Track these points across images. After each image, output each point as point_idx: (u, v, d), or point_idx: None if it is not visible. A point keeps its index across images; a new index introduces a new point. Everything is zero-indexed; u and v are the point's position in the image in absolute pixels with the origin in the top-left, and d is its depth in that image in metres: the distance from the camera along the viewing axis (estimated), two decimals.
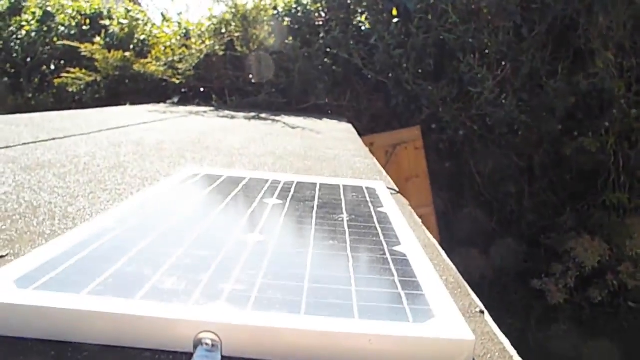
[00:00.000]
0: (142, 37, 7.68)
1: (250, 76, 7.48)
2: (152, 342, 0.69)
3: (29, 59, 7.54)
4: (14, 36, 7.69)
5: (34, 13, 7.89)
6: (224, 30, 7.31)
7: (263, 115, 6.02)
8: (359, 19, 7.28)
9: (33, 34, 7.64)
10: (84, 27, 7.75)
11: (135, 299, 0.74)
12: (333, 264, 0.95)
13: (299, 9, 7.59)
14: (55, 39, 7.65)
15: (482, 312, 0.90)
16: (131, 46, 7.52)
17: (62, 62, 7.67)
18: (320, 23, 7.55)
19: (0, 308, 0.68)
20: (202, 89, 7.65)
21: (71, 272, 0.81)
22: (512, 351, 0.78)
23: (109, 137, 2.97)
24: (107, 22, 7.68)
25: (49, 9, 7.86)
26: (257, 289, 0.81)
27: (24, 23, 7.78)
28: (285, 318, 0.72)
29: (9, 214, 1.27)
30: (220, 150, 2.77)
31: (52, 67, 7.55)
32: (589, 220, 6.20)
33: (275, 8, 7.53)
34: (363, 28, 7.28)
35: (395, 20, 6.77)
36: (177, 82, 6.87)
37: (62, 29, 7.73)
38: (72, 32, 7.68)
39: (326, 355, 0.69)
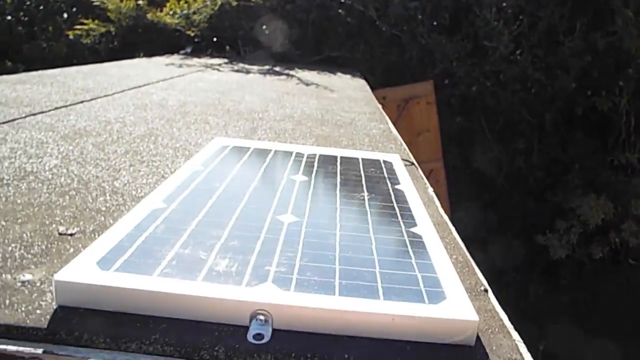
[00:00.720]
0: None
1: (264, 27, 7.42)
2: (215, 317, 0.84)
3: (41, 7, 7.52)
4: None
5: None
6: None
7: (277, 69, 6.05)
8: None
9: None
10: None
11: (197, 280, 0.89)
12: (359, 245, 1.10)
13: None
14: None
15: (485, 290, 1.05)
16: None
17: (75, 9, 7.65)
18: None
19: (93, 288, 0.84)
20: (214, 39, 7.63)
21: (139, 255, 0.96)
22: (510, 326, 0.93)
23: (133, 98, 3.08)
24: None
25: None
26: (297, 271, 0.95)
27: None
28: (322, 299, 0.86)
29: (64, 190, 1.41)
30: (241, 114, 2.88)
31: (65, 15, 7.54)
32: (596, 179, 6.30)
33: None
34: None
35: None
36: (192, 34, 6.86)
37: None
38: None
39: (357, 330, 0.84)
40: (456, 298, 0.91)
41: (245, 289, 0.87)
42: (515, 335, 0.90)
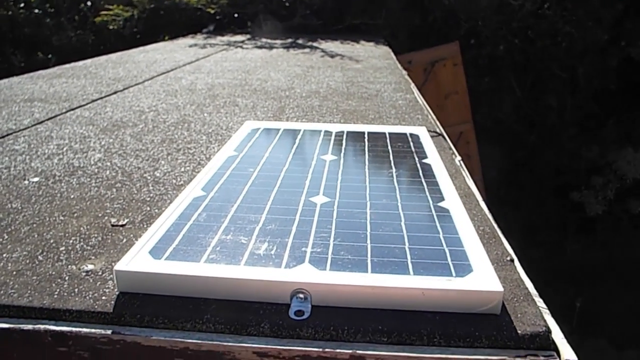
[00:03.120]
0: None
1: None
2: (258, 297, 0.93)
3: None
4: None
5: None
6: None
7: (300, 42, 6.04)
8: None
9: None
10: None
11: (240, 264, 0.97)
12: (388, 223, 1.16)
13: None
14: None
15: (511, 260, 1.10)
16: None
17: None
18: None
19: (148, 276, 0.93)
20: (235, 15, 7.64)
21: (186, 243, 1.05)
22: (535, 294, 0.99)
23: (163, 85, 3.17)
24: None
25: None
26: (331, 251, 1.03)
27: None
28: (356, 276, 0.94)
29: (111, 182, 1.52)
30: (268, 93, 2.94)
31: (89, 3, 7.65)
32: (632, 132, 6.13)
33: None
34: None
35: None
36: (212, 11, 6.89)
37: None
38: None
39: (390, 304, 0.91)
40: (482, 270, 0.97)
41: (285, 270, 0.95)
42: (540, 302, 0.96)
